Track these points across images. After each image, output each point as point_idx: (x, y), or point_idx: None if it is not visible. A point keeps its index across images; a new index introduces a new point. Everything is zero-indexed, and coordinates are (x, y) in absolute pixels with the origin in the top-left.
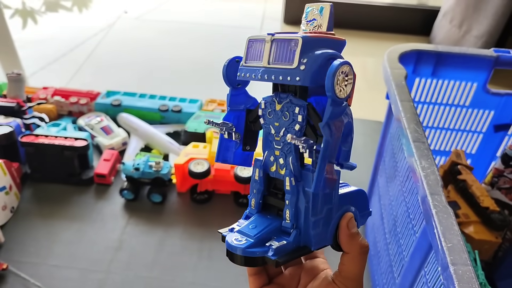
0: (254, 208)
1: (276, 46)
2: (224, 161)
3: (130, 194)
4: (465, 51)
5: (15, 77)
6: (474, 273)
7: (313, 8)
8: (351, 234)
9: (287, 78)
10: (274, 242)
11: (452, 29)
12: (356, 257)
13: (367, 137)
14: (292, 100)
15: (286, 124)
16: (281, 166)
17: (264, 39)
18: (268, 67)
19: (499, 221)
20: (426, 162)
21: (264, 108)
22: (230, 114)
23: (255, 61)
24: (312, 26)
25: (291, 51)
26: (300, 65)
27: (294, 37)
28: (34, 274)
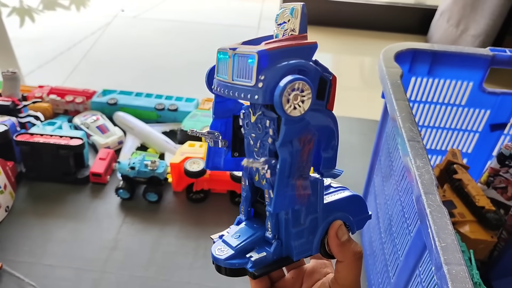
0: (243, 215)
1: (238, 61)
2: (214, 168)
3: (125, 193)
4: (461, 50)
5: (10, 75)
6: (468, 273)
7: (284, 9)
8: (342, 243)
9: (247, 96)
10: (254, 253)
11: (450, 28)
12: (350, 265)
13: (364, 136)
14: (264, 113)
15: (261, 137)
16: (261, 177)
17: (227, 52)
18: (232, 83)
19: (495, 220)
20: (421, 161)
21: (243, 119)
22: (217, 122)
23: (224, 75)
24: (283, 29)
25: (250, 68)
26: (258, 82)
27: (250, 52)
28: (29, 273)
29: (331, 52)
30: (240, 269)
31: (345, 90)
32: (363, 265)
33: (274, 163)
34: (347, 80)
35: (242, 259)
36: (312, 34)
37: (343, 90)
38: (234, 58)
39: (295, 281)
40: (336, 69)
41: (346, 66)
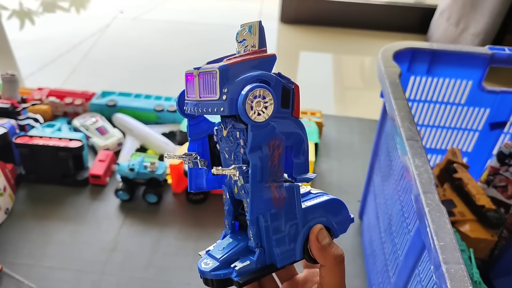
0: (227, 228)
1: (203, 79)
2: (198, 189)
3: (125, 195)
4: (460, 49)
5: (9, 78)
6: (467, 272)
7: (244, 28)
8: (322, 247)
9: (214, 109)
10: (238, 263)
11: (449, 27)
12: (333, 268)
13: (364, 136)
14: (234, 125)
15: (233, 149)
16: (239, 188)
17: (192, 72)
18: (200, 100)
19: (495, 219)
20: (420, 160)
21: (216, 135)
22: (194, 144)
23: (192, 95)
24: (244, 46)
25: (213, 83)
26: (222, 95)
27: (212, 69)
28: (29, 275)
29: (331, 52)
30: (226, 280)
31: (345, 89)
32: (363, 265)
33: (245, 169)
34: (346, 80)
35: (227, 269)
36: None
37: (343, 90)
38: (199, 76)
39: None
40: (336, 69)
41: (346, 66)
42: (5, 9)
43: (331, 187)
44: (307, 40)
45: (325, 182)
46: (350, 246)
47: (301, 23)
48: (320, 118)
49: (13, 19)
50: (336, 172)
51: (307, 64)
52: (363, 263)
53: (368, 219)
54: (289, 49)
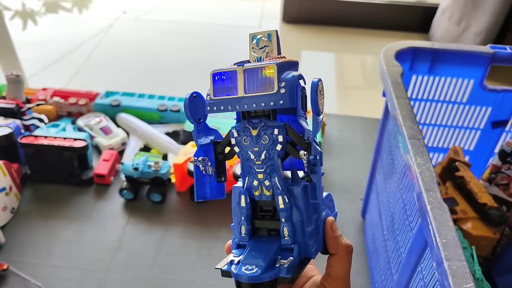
0: (245, 236)
1: (249, 76)
2: (203, 198)
3: (129, 194)
4: (462, 48)
5: (14, 78)
6: (469, 269)
7: (261, 36)
8: (336, 236)
9: (270, 103)
10: (282, 261)
11: (451, 26)
12: (343, 257)
13: (366, 135)
14: (268, 123)
15: (267, 147)
16: (267, 187)
17: (234, 70)
18: (246, 96)
19: (497, 217)
20: (422, 158)
21: (237, 137)
22: (200, 150)
23: (226, 93)
24: (265, 52)
25: (268, 78)
26: (280, 89)
27: (268, 64)
28: (35, 274)
29: (333, 51)
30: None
31: (347, 89)
32: (366, 263)
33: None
34: (349, 79)
35: (274, 269)
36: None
37: (346, 89)
38: (246, 73)
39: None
40: (338, 68)
41: (348, 65)
42: (8, 10)
43: (333, 186)
44: (309, 39)
45: (327, 181)
46: (353, 244)
47: (303, 23)
48: (323, 117)
49: (16, 20)
50: (338, 171)
51: (309, 63)
52: (366, 261)
53: (370, 217)
54: (291, 48)
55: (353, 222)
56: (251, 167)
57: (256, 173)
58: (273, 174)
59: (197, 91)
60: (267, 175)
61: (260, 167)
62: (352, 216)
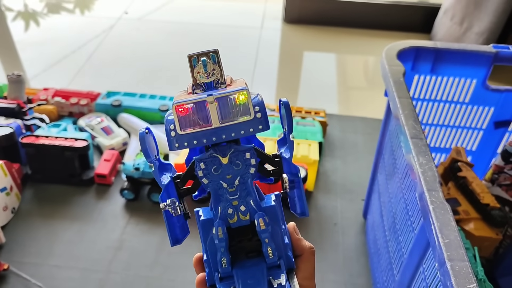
0: (227, 266)
1: (225, 103)
2: (178, 242)
3: (130, 194)
4: (464, 47)
5: (15, 78)
6: (471, 269)
7: (206, 58)
8: (299, 238)
9: (249, 130)
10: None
11: (453, 26)
12: (308, 258)
13: (368, 135)
14: (238, 148)
15: (241, 172)
16: (243, 212)
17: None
18: (222, 126)
19: (500, 217)
20: (424, 158)
21: (204, 168)
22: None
23: (197, 125)
24: (214, 76)
25: (242, 104)
26: (256, 113)
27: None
28: (35, 274)
29: (335, 51)
30: None
31: (348, 89)
32: (368, 264)
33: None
34: (350, 80)
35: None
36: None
37: (347, 89)
38: (219, 101)
39: None
40: (339, 69)
41: (350, 65)
42: (10, 11)
43: (335, 186)
44: (310, 40)
45: (329, 181)
46: (355, 245)
47: (305, 23)
48: (324, 118)
49: (18, 21)
50: (340, 171)
51: (311, 64)
52: (367, 262)
53: (372, 218)
54: (292, 49)
55: (355, 223)
56: (222, 195)
57: (229, 201)
58: (247, 198)
59: (148, 127)
60: (242, 200)
61: (233, 193)
62: (354, 217)
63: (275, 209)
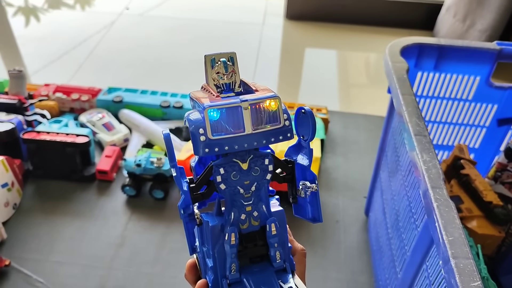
0: (236, 272)
1: (255, 110)
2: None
3: (132, 190)
4: (468, 44)
5: (16, 74)
6: (476, 267)
7: (225, 60)
8: (292, 239)
9: (279, 137)
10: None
11: (456, 23)
12: (300, 258)
13: (370, 133)
14: (256, 154)
15: (259, 178)
16: (255, 218)
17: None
18: (254, 132)
19: (502, 215)
20: (428, 155)
21: (224, 173)
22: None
23: (228, 131)
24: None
25: (272, 111)
26: (284, 121)
27: (271, 97)
28: (37, 270)
29: (337, 48)
30: None
31: (351, 86)
32: (370, 261)
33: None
34: (352, 77)
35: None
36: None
37: (349, 86)
38: (252, 107)
39: None
40: (341, 66)
41: (352, 62)
42: (11, 6)
43: (337, 183)
44: (312, 36)
45: (331, 179)
46: (357, 242)
47: (307, 20)
48: (326, 115)
49: (18, 16)
50: (342, 168)
51: (312, 60)
52: (369, 259)
53: (374, 215)
54: (294, 45)
55: (357, 220)
56: (236, 201)
57: (243, 206)
58: (259, 203)
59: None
60: (255, 206)
61: (248, 199)
62: (356, 214)
63: (283, 214)
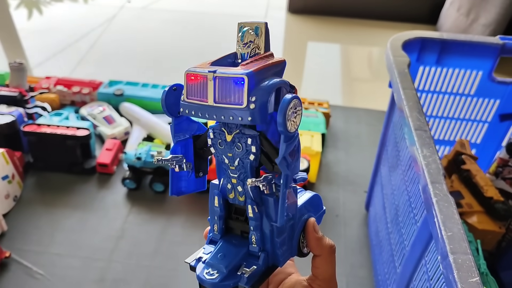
0: (217, 233)
1: (220, 84)
2: (179, 193)
3: (132, 183)
4: (471, 39)
5: (17, 66)
6: (474, 262)
7: (248, 29)
8: (319, 237)
9: (238, 118)
10: (245, 269)
11: (460, 17)
12: (328, 258)
13: (371, 127)
14: (243, 131)
15: (240, 155)
16: (240, 193)
17: (206, 75)
18: (215, 106)
19: (503, 211)
20: (428, 150)
21: (213, 138)
22: (177, 145)
23: (197, 97)
24: (250, 48)
25: (238, 90)
26: (249, 103)
27: (238, 75)
28: (37, 262)
29: (339, 42)
30: None
31: (352, 80)
32: (370, 256)
33: (270, 179)
34: (354, 71)
35: (235, 278)
36: (320, 25)
37: (351, 81)
38: (216, 80)
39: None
40: (344, 60)
41: (354, 56)
42: None
43: (338, 177)
44: (315, 30)
45: (331, 173)
46: (357, 236)
47: (309, 13)
48: (328, 109)
49: (21, 9)
50: (343, 162)
51: (315, 54)
52: (369, 254)
53: (374, 210)
54: (297, 39)
55: (357, 215)
56: (224, 170)
57: (230, 177)
58: (246, 181)
59: (178, 83)
60: (240, 181)
61: (234, 172)
62: (356, 209)
63: (272, 203)
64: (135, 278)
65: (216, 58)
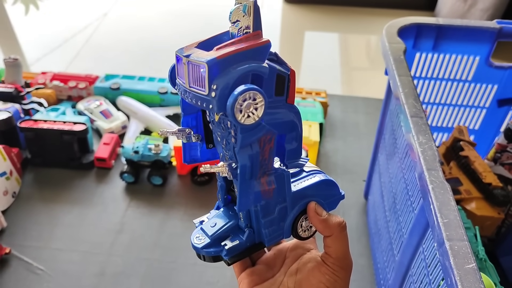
0: (220, 202)
1: (191, 69)
2: (192, 161)
3: (130, 177)
4: (467, 24)
5: (12, 62)
6: (470, 249)
7: (238, 7)
8: (323, 219)
9: (203, 104)
10: (228, 241)
11: (457, 3)
12: (339, 236)
13: (369, 116)
14: None
15: (225, 136)
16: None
17: (182, 58)
18: (189, 89)
19: (502, 196)
20: (424, 137)
21: (209, 116)
22: (187, 118)
23: (182, 79)
24: (237, 27)
25: (202, 77)
26: (211, 91)
27: (200, 61)
28: (37, 257)
29: (337, 31)
30: (216, 256)
31: (350, 69)
32: (369, 244)
33: (234, 166)
34: (352, 59)
35: (217, 247)
36: (317, 14)
37: (349, 69)
38: (188, 65)
39: (277, 257)
40: (341, 49)
41: (352, 45)
42: None
43: (336, 167)
44: (312, 19)
45: (330, 162)
46: (356, 225)
47: (306, 2)
48: (325, 98)
49: (17, 4)
50: (341, 152)
51: (312, 44)
52: (368, 242)
53: (373, 198)
54: (293, 29)
55: (356, 204)
56: (220, 148)
57: (223, 153)
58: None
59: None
60: (231, 159)
61: (226, 149)
62: (355, 198)
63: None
64: (134, 271)
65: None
